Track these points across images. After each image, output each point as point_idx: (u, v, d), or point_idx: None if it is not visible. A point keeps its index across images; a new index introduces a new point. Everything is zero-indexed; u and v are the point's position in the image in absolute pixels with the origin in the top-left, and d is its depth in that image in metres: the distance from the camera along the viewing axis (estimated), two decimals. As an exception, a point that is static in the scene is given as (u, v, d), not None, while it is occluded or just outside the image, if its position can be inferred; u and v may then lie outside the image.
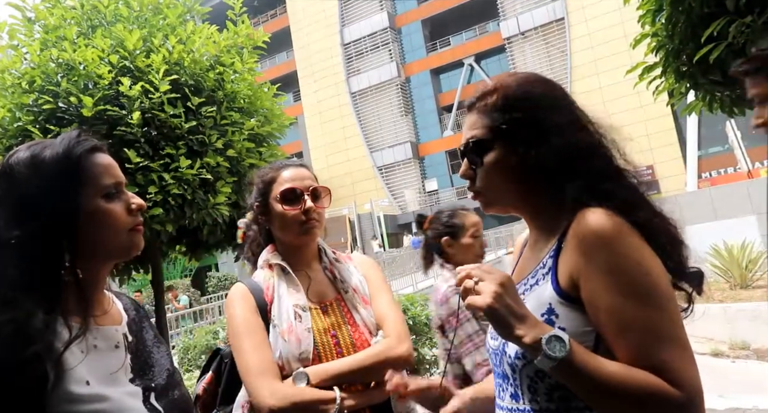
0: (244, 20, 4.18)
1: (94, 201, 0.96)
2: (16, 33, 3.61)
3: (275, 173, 1.63)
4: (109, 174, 1.01)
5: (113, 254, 1.02)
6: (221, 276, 23.10)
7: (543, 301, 1.03)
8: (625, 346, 0.92)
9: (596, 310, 0.96)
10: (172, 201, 3.42)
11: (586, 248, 0.97)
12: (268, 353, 1.42)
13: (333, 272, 1.64)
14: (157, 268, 4.30)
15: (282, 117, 4.27)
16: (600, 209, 0.99)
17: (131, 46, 3.46)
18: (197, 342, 7.66)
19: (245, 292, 1.54)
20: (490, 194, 1.16)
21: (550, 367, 0.91)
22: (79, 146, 0.99)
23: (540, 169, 1.07)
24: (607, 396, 0.91)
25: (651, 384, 0.88)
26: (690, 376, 0.90)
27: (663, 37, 3.27)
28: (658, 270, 0.97)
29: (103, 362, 0.94)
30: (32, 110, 3.39)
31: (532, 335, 0.92)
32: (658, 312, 0.92)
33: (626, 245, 0.96)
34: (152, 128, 3.47)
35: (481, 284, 0.98)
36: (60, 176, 0.94)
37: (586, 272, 0.97)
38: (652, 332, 0.91)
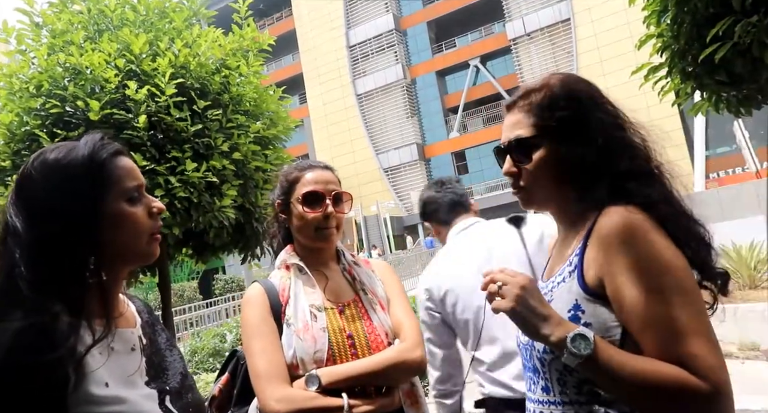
0: (250, 23, 4.20)
1: (117, 204, 0.97)
2: (23, 38, 3.64)
3: (300, 173, 1.63)
4: (132, 177, 1.01)
5: (133, 259, 1.02)
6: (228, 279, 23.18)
7: (570, 297, 1.06)
8: (651, 340, 0.94)
9: (621, 305, 0.98)
10: (178, 204, 3.43)
11: (609, 245, 1.00)
12: (278, 356, 1.42)
13: (352, 273, 1.64)
14: (164, 271, 4.32)
15: (287, 120, 4.28)
16: (623, 207, 1.02)
17: (137, 50, 3.48)
18: (204, 344, 7.69)
19: (261, 293, 1.54)
20: (535, 191, 1.17)
21: (577, 364, 0.94)
22: (103, 149, 0.99)
23: (584, 167, 1.09)
24: (633, 389, 0.93)
25: (677, 377, 0.90)
26: (716, 367, 0.91)
27: (668, 38, 3.26)
28: (682, 265, 0.98)
29: (120, 364, 0.94)
30: (39, 114, 3.41)
31: (558, 334, 0.96)
32: (681, 305, 0.94)
33: (648, 241, 0.98)
34: (158, 132, 3.49)
35: (504, 288, 1.02)
36: (85, 178, 0.94)
37: (610, 269, 0.99)
38: (676, 326, 0.93)
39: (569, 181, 1.13)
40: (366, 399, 1.41)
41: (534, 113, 1.16)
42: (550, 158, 1.13)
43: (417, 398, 1.53)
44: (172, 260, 4.54)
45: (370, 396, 1.44)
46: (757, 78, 3.04)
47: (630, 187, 1.06)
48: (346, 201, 1.63)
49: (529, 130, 1.15)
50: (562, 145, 1.12)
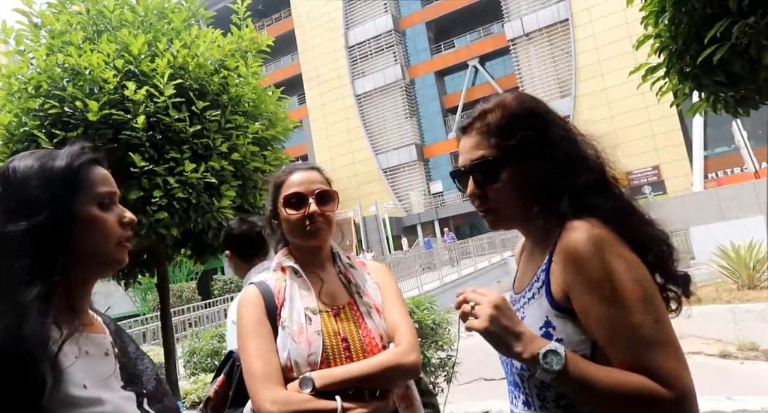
0: (249, 24, 4.20)
1: (88, 208, 0.99)
2: (22, 38, 3.64)
3: (285, 176, 1.64)
4: (105, 184, 1.04)
5: (101, 263, 1.03)
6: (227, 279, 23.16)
7: (541, 314, 1.08)
8: (618, 352, 0.98)
9: (587, 320, 1.01)
10: (177, 205, 3.44)
11: (572, 260, 1.02)
12: (273, 358, 1.42)
13: (347, 276, 1.64)
14: (162, 271, 4.32)
15: (286, 120, 4.28)
16: (584, 223, 1.04)
17: (136, 51, 3.48)
18: (203, 345, 7.69)
19: (257, 295, 1.54)
20: (503, 211, 1.19)
21: (550, 379, 0.97)
22: (81, 156, 1.03)
23: (547, 183, 1.11)
24: (604, 400, 0.96)
25: (644, 387, 0.93)
26: (680, 376, 0.94)
27: (666, 39, 3.26)
28: (642, 277, 1.01)
29: (95, 368, 0.95)
30: (38, 114, 3.41)
31: (530, 351, 0.98)
32: (644, 318, 0.97)
33: (609, 255, 1.00)
34: (157, 132, 3.49)
35: (477, 307, 1.04)
36: (58, 180, 0.97)
37: (574, 285, 1.02)
38: (640, 337, 0.96)
39: (534, 198, 1.14)
40: (360, 402, 1.40)
41: (494, 133, 1.17)
42: (515, 177, 1.14)
43: (412, 401, 1.53)
44: (171, 261, 4.54)
45: (364, 399, 1.43)
46: (755, 79, 3.04)
47: (590, 200, 1.08)
48: (331, 200, 1.61)
49: (492, 151, 1.16)
50: (525, 163, 1.13)
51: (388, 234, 30.06)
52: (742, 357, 6.49)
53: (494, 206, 1.18)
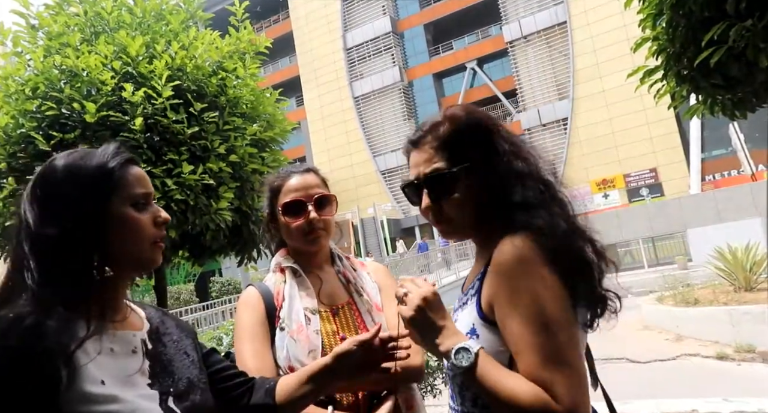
0: (247, 26, 4.20)
1: (123, 208, 1.01)
2: (19, 40, 3.64)
3: (281, 181, 1.63)
4: (140, 185, 1.06)
5: (136, 264, 1.05)
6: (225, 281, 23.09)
7: (469, 321, 1.13)
8: (522, 364, 1.02)
9: (503, 331, 1.06)
10: (174, 207, 3.43)
11: (498, 274, 1.07)
12: (267, 359, 1.44)
13: (346, 276, 1.65)
14: (160, 274, 4.31)
15: (284, 122, 4.27)
16: (515, 238, 1.07)
17: (134, 53, 3.48)
18: (201, 346, 7.66)
19: (256, 296, 1.55)
20: (457, 222, 1.21)
21: (458, 373, 1.02)
22: (116, 156, 1.04)
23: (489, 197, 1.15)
24: (501, 402, 1.01)
25: (538, 396, 0.98)
26: (571, 395, 0.99)
27: (664, 41, 3.27)
28: (556, 297, 1.04)
29: (118, 365, 0.96)
30: (35, 116, 3.41)
31: (447, 345, 1.03)
32: (549, 337, 1.01)
33: (528, 275, 1.04)
34: (155, 134, 3.48)
35: (408, 296, 1.09)
36: (95, 181, 1.00)
37: (496, 297, 1.07)
38: (542, 355, 1.00)
39: (484, 210, 1.17)
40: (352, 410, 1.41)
41: (446, 147, 1.19)
42: (466, 189, 1.17)
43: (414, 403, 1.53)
44: (169, 263, 4.53)
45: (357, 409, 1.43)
46: (752, 81, 3.05)
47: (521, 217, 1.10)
48: (330, 204, 1.62)
49: (445, 164, 1.18)
50: (474, 176, 1.16)
51: (386, 236, 30.04)
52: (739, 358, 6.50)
53: (448, 217, 1.20)
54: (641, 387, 5.75)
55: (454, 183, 1.17)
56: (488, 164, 1.15)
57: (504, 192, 1.13)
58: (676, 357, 6.94)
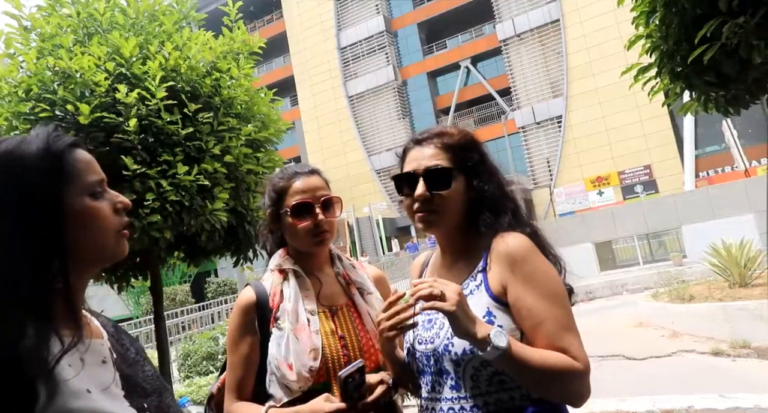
0: (240, 26, 4.18)
1: (80, 200, 0.88)
2: (12, 42, 3.61)
3: (287, 182, 1.63)
4: (94, 171, 0.93)
5: (99, 259, 0.93)
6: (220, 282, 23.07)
7: (482, 306, 1.29)
8: (542, 334, 1.23)
9: (520, 309, 1.26)
10: (170, 208, 3.41)
11: (512, 261, 1.28)
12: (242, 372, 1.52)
13: (347, 277, 1.67)
14: (155, 275, 4.29)
15: (279, 122, 4.26)
16: (515, 233, 1.32)
17: (127, 54, 3.46)
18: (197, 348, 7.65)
19: (250, 298, 1.57)
20: (443, 216, 1.38)
21: (496, 356, 1.16)
22: (59, 140, 0.90)
23: (484, 201, 1.37)
24: (535, 373, 1.19)
25: (563, 361, 1.20)
26: (584, 352, 1.23)
27: (657, 39, 3.28)
28: (559, 278, 1.32)
29: (94, 377, 0.86)
30: (29, 118, 3.38)
31: (482, 332, 1.17)
32: (562, 309, 1.26)
33: (539, 259, 1.30)
34: (149, 135, 3.47)
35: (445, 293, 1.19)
36: (42, 171, 0.85)
37: (511, 281, 1.28)
38: (560, 324, 1.24)
39: (469, 212, 1.39)
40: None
41: (451, 150, 1.40)
42: (462, 189, 1.38)
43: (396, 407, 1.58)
44: (164, 264, 4.52)
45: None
46: (745, 78, 3.07)
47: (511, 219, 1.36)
48: (336, 205, 1.64)
49: (448, 163, 1.38)
50: (473, 180, 1.38)
51: (382, 235, 30.05)
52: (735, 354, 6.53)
53: (437, 209, 1.37)
54: (637, 384, 5.77)
55: (451, 180, 1.36)
56: (482, 175, 1.39)
57: (493, 199, 1.37)
58: (671, 353, 6.97)
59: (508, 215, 1.37)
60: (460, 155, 1.39)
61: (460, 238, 1.42)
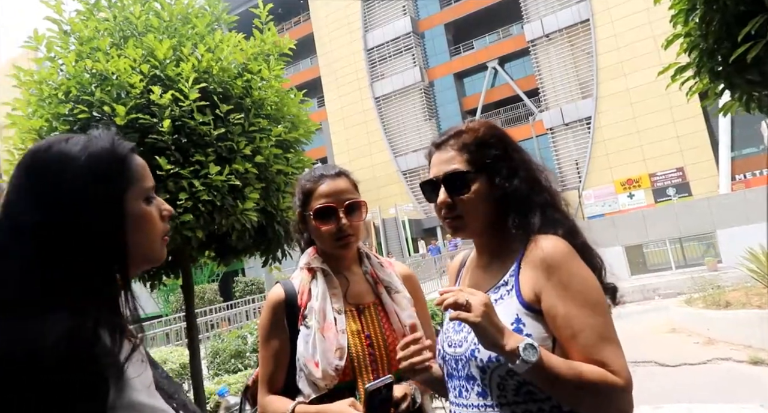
0: (271, 28, 4.22)
1: (136, 204, 0.92)
2: (53, 45, 3.72)
3: (313, 185, 1.65)
4: (148, 177, 0.97)
5: (145, 262, 0.95)
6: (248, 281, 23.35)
7: (511, 313, 1.23)
8: (578, 346, 1.15)
9: (554, 317, 1.18)
10: (202, 207, 3.46)
11: (546, 267, 1.20)
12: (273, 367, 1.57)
13: (375, 276, 1.69)
14: (187, 273, 4.36)
15: (309, 123, 4.29)
16: (552, 236, 1.24)
17: (162, 56, 3.52)
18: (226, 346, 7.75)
19: (280, 296, 1.61)
20: (469, 220, 1.34)
21: (526, 369, 1.09)
22: (122, 144, 0.93)
23: (509, 199, 1.30)
24: (569, 387, 1.12)
25: (600, 375, 1.11)
26: (625, 366, 1.15)
27: (696, 37, 3.19)
28: (598, 284, 1.22)
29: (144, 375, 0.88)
30: (68, 119, 3.47)
31: (511, 344, 1.11)
32: (601, 318, 1.17)
33: (576, 265, 1.21)
34: (182, 136, 3.52)
35: (471, 303, 1.14)
36: (110, 174, 0.88)
37: (546, 288, 1.20)
38: (598, 334, 1.15)
39: (498, 212, 1.32)
40: None
41: (468, 150, 1.34)
42: (484, 190, 1.32)
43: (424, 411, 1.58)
44: (195, 263, 4.58)
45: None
46: (790, 77, 2.96)
47: (553, 218, 1.28)
48: (361, 209, 1.65)
49: (465, 165, 1.33)
50: (494, 179, 1.31)
51: (408, 237, 30.00)
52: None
53: (461, 214, 1.33)
54: (670, 391, 5.62)
55: (470, 183, 1.31)
56: (506, 170, 1.31)
57: (519, 197, 1.29)
58: (706, 361, 6.77)
59: (538, 214, 1.28)
60: (478, 154, 1.33)
61: (493, 239, 1.36)
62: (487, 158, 1.32)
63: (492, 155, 1.33)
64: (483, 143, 1.34)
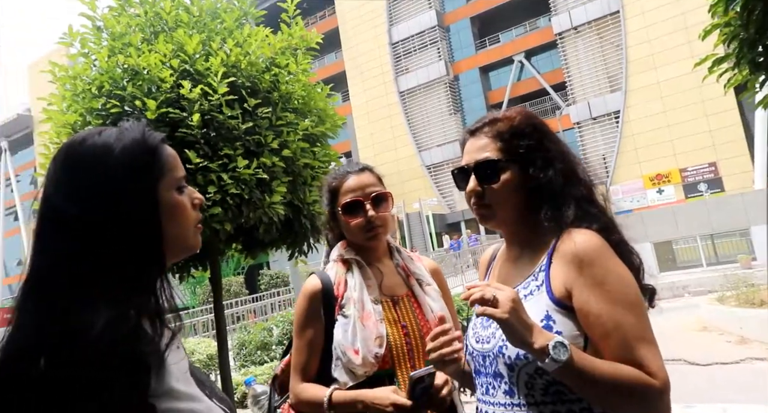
0: (298, 22, 4.24)
1: (169, 194, 0.92)
2: (87, 42, 3.79)
3: (339, 182, 1.72)
4: (179, 166, 0.97)
5: (179, 251, 0.96)
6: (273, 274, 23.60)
7: (540, 309, 1.19)
8: (612, 345, 1.10)
9: (587, 315, 1.13)
10: (230, 201, 3.50)
11: (578, 262, 1.16)
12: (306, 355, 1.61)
13: (406, 269, 1.74)
14: (215, 266, 4.42)
15: (335, 117, 4.30)
16: (586, 230, 1.19)
17: (191, 51, 3.56)
18: (253, 338, 7.85)
19: (317, 286, 1.66)
20: (498, 210, 1.31)
21: (555, 368, 1.05)
22: (153, 135, 0.94)
23: (542, 191, 1.25)
24: (601, 389, 1.07)
25: (636, 376, 1.06)
26: (662, 368, 1.09)
27: (737, 27, 3.07)
28: (635, 282, 1.17)
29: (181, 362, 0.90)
30: (101, 114, 3.55)
31: (540, 342, 1.07)
32: (637, 316, 1.11)
33: (612, 261, 1.16)
34: (211, 130, 3.57)
35: (498, 298, 1.11)
36: (142, 165, 0.89)
37: (578, 283, 1.15)
38: (633, 333, 1.10)
39: (530, 203, 1.28)
40: None
41: (501, 139, 1.31)
42: (515, 180, 1.28)
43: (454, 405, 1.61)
44: (223, 256, 4.64)
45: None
46: (836, 68, 2.84)
47: (588, 212, 1.23)
48: (387, 200, 1.70)
49: (497, 153, 1.30)
50: (527, 169, 1.27)
51: (432, 231, 29.92)
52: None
53: (490, 203, 1.31)
54: (702, 390, 5.49)
55: (501, 172, 1.28)
56: (540, 161, 1.27)
57: (552, 189, 1.24)
58: (739, 360, 6.60)
59: (572, 207, 1.22)
60: (512, 143, 1.29)
61: (523, 231, 1.32)
62: (521, 148, 1.28)
63: (526, 145, 1.29)
64: (518, 132, 1.30)
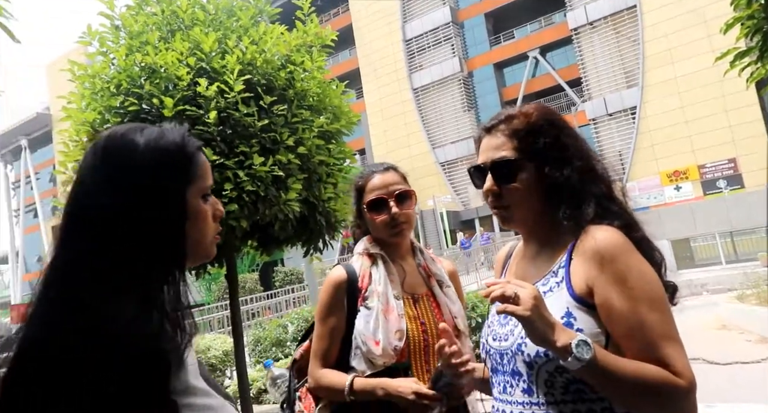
0: (313, 19, 4.25)
1: (195, 201, 0.94)
2: (105, 40, 3.84)
3: (364, 181, 1.80)
4: (210, 176, 0.99)
5: (196, 258, 0.98)
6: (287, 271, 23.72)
7: (561, 306, 1.17)
8: (635, 344, 1.08)
9: (609, 312, 1.11)
10: (246, 198, 3.53)
11: (600, 259, 1.13)
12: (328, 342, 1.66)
13: (427, 270, 1.81)
14: (231, 263, 4.45)
15: (350, 114, 4.31)
16: (607, 226, 1.17)
17: (207, 49, 3.59)
18: (268, 334, 7.90)
19: (342, 276, 1.72)
20: (516, 210, 1.29)
21: (578, 367, 1.03)
22: (191, 141, 0.96)
23: (561, 189, 1.23)
24: (625, 388, 1.05)
25: (661, 376, 1.04)
26: (688, 367, 1.06)
27: (761, 20, 3.01)
28: (658, 279, 1.15)
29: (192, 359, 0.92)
30: (119, 111, 3.59)
31: (563, 340, 1.05)
32: (661, 314, 1.09)
33: (634, 257, 1.14)
34: (227, 127, 3.59)
35: (520, 295, 1.09)
36: (176, 167, 0.91)
37: (599, 280, 1.13)
38: (657, 331, 1.08)
39: (548, 201, 1.25)
40: None
41: (517, 136, 1.27)
42: (533, 179, 1.25)
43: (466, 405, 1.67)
44: (239, 252, 4.68)
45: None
46: None
47: (609, 209, 1.21)
48: (410, 197, 1.77)
49: (513, 152, 1.27)
50: (544, 167, 1.24)
51: (446, 228, 29.85)
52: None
53: (508, 204, 1.28)
54: (722, 390, 5.42)
55: (517, 171, 1.26)
56: (558, 158, 1.24)
57: (571, 187, 1.22)
58: (760, 360, 6.49)
59: (592, 205, 1.20)
60: (528, 141, 1.26)
61: (542, 229, 1.30)
62: (538, 146, 1.25)
63: (542, 143, 1.25)
64: (534, 129, 1.27)
